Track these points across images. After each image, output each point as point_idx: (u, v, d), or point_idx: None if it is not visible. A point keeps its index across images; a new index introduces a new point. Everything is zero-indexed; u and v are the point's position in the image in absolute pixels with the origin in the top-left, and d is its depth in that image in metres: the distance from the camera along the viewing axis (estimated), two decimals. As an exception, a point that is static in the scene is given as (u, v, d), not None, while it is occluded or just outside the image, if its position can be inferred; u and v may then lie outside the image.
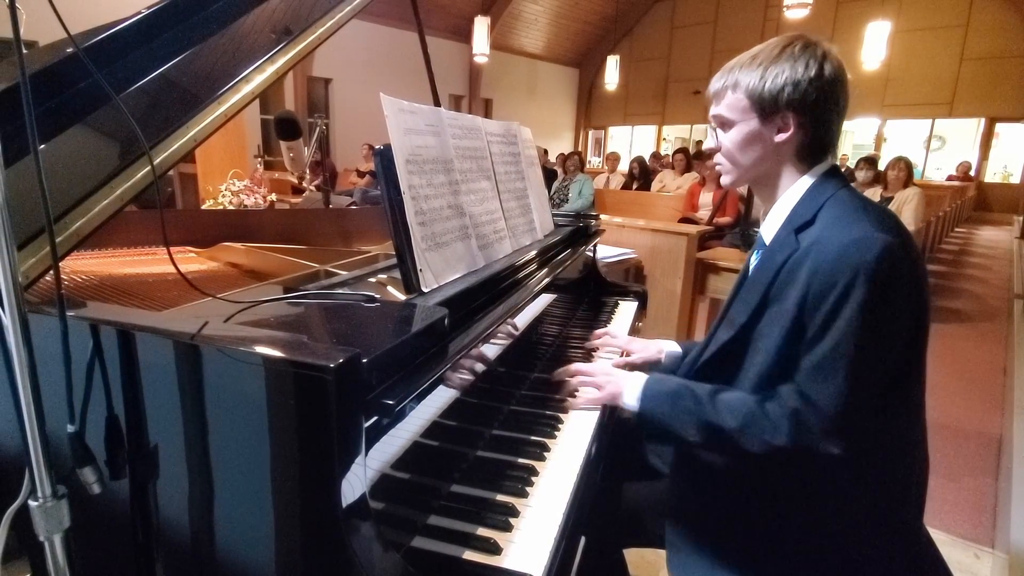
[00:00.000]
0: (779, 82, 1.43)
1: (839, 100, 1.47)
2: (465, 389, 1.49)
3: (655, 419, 1.60)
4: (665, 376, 1.67)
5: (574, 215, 3.21)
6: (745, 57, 1.51)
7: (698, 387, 1.54)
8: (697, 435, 1.50)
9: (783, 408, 1.37)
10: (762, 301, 1.47)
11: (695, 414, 1.50)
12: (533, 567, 1.19)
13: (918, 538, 1.50)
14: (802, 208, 1.48)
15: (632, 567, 2.16)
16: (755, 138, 1.51)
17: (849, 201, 1.43)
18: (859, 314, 1.27)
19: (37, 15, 1.27)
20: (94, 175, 1.37)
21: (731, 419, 1.43)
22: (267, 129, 12.89)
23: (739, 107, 1.51)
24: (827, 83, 1.43)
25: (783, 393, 1.39)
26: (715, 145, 1.61)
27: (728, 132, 1.55)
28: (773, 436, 1.37)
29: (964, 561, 3.02)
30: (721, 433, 1.45)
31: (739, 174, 1.59)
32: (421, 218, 1.57)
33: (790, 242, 1.45)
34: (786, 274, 1.42)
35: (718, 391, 1.51)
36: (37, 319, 1.08)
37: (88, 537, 1.18)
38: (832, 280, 1.30)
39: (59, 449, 1.08)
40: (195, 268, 2.21)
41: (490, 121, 2.20)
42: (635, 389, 1.65)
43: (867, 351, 1.29)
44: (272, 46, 1.73)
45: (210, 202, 5.20)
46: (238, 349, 1.02)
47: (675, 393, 1.57)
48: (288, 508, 1.03)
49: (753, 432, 1.40)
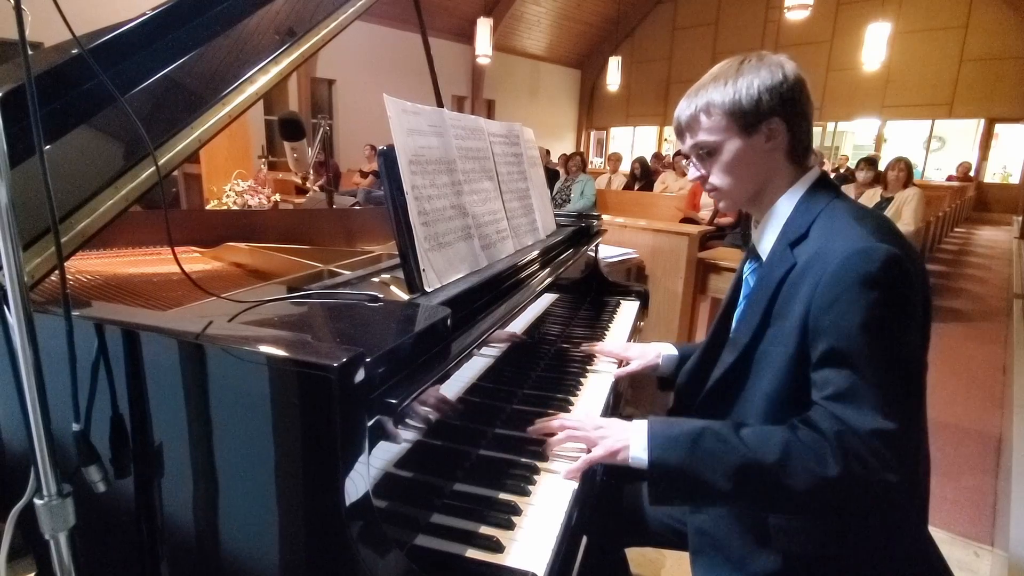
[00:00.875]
0: (753, 92, 1.42)
1: (808, 98, 1.47)
2: (468, 388, 1.49)
3: (673, 469, 1.35)
4: (666, 418, 1.45)
5: (576, 215, 3.21)
6: (706, 80, 1.49)
7: (715, 424, 1.37)
8: (730, 482, 1.28)
9: (822, 434, 1.24)
10: (763, 320, 1.43)
11: (724, 456, 1.29)
12: (535, 565, 1.18)
13: (921, 538, 1.49)
14: (795, 221, 1.46)
15: (633, 565, 2.16)
16: (744, 154, 1.47)
17: (844, 211, 1.41)
18: (874, 327, 1.22)
19: (42, 16, 1.27)
20: (99, 175, 1.37)
21: (769, 454, 1.26)
22: (271, 130, 12.91)
23: (719, 128, 1.47)
24: (795, 83, 1.43)
25: (815, 419, 1.26)
26: (701, 175, 1.55)
27: (715, 158, 1.50)
28: (820, 467, 1.21)
29: (964, 559, 3.02)
30: (761, 473, 1.26)
31: (739, 195, 1.54)
32: (424, 218, 1.57)
33: (786, 257, 1.41)
34: (787, 291, 1.38)
35: (739, 426, 1.35)
36: (42, 318, 1.08)
37: (93, 535, 1.19)
38: (836, 294, 1.25)
39: (64, 448, 1.08)
40: (199, 268, 2.21)
41: (492, 122, 2.20)
42: (640, 439, 1.40)
43: (889, 364, 1.23)
44: (276, 47, 1.74)
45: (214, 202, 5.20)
46: (242, 348, 1.02)
47: (692, 435, 1.35)
48: (292, 506, 1.03)
49: (798, 464, 1.23)
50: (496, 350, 1.68)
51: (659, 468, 1.35)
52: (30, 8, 1.07)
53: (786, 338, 1.36)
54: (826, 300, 1.27)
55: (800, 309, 1.33)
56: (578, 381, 2.02)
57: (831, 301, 1.26)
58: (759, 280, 1.50)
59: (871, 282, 1.23)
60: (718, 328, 1.72)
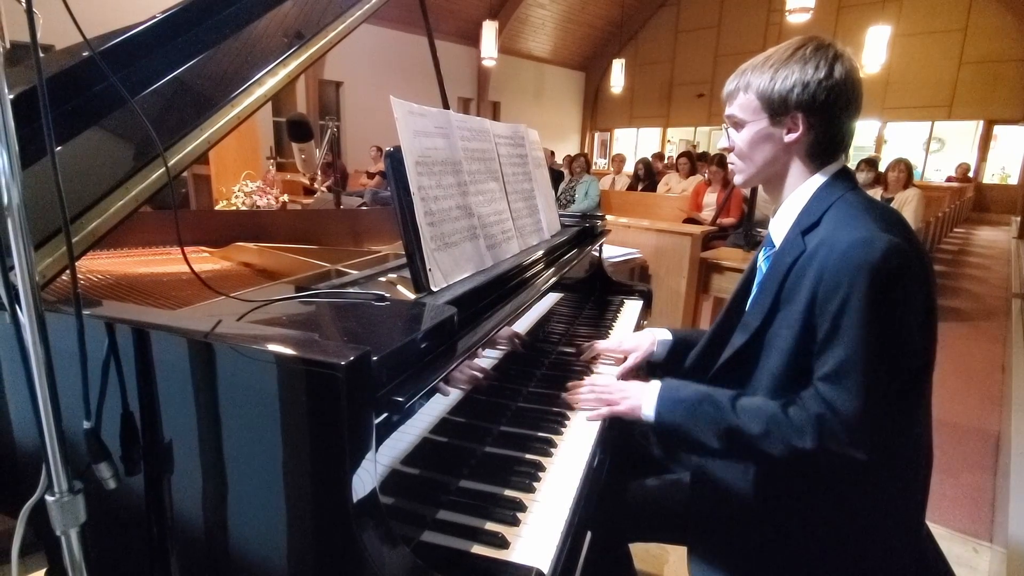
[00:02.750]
0: (788, 84, 1.43)
1: (850, 101, 1.45)
2: (474, 386, 1.49)
3: (674, 427, 1.56)
4: (679, 383, 1.62)
5: (580, 215, 3.20)
6: (759, 59, 1.52)
7: (717, 392, 1.52)
8: (719, 442, 1.47)
9: (807, 413, 1.35)
10: (774, 304, 1.47)
11: (716, 421, 1.47)
12: (540, 561, 1.18)
13: (919, 532, 1.50)
14: (810, 210, 1.48)
15: (637, 561, 2.16)
16: (765, 138, 1.51)
17: (855, 202, 1.43)
18: (869, 315, 1.27)
19: (54, 19, 1.27)
20: (110, 176, 1.38)
21: (754, 424, 1.41)
22: (279, 131, 12.90)
23: (750, 107, 1.51)
24: (837, 84, 1.41)
25: (806, 398, 1.37)
26: (728, 144, 1.61)
27: (740, 132, 1.55)
28: (798, 440, 1.34)
29: (963, 555, 3.01)
30: (744, 439, 1.42)
31: (750, 173, 1.59)
32: (430, 218, 1.56)
33: (797, 244, 1.45)
34: (795, 276, 1.42)
35: (738, 396, 1.49)
36: (54, 317, 1.08)
37: (104, 531, 1.18)
38: (838, 281, 1.29)
39: (75, 445, 1.08)
40: (209, 268, 2.21)
41: (498, 123, 2.19)
42: (651, 399, 1.60)
43: (879, 352, 1.29)
44: (284, 50, 1.73)
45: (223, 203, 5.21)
46: (251, 347, 1.02)
47: (693, 400, 1.53)
48: (300, 503, 1.03)
49: (777, 437, 1.37)
50: (501, 349, 1.68)
51: (662, 425, 1.58)
52: (42, 11, 1.07)
53: (793, 321, 1.40)
54: (829, 286, 1.32)
55: (806, 294, 1.37)
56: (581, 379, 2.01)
57: (834, 287, 1.31)
58: (772, 266, 1.53)
59: (871, 270, 1.27)
60: (728, 313, 1.74)
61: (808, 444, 1.33)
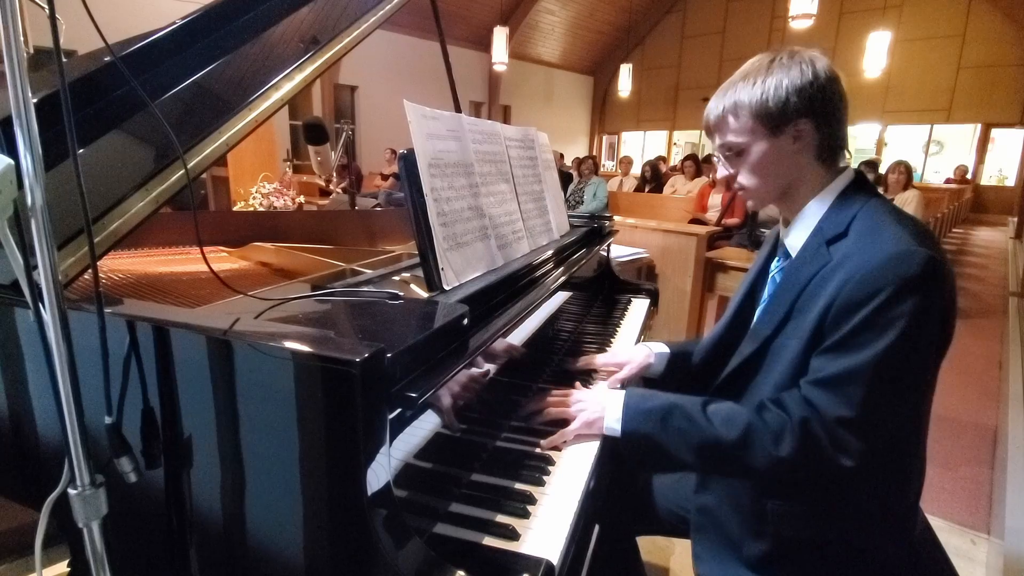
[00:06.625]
0: (782, 92, 1.36)
1: (842, 96, 1.40)
2: (484, 384, 1.48)
3: (644, 440, 1.46)
4: (646, 391, 1.54)
5: (589, 216, 3.19)
6: (736, 78, 1.44)
7: (685, 400, 1.45)
8: (693, 455, 1.40)
9: (786, 418, 1.30)
10: (787, 314, 1.40)
11: (690, 432, 1.39)
12: (550, 553, 1.17)
13: (916, 524, 1.47)
14: (832, 219, 1.40)
15: (644, 552, 2.15)
16: (772, 155, 1.42)
17: (883, 212, 1.36)
18: (904, 327, 1.20)
19: (76, 26, 1.27)
20: (130, 178, 1.37)
21: (730, 431, 1.34)
22: (296, 134, 12.92)
23: (746, 129, 1.42)
24: (825, 82, 1.37)
25: (787, 402, 1.32)
26: (728, 173, 1.51)
27: (743, 158, 1.46)
28: (776, 447, 1.29)
29: (961, 547, 3.01)
30: (721, 450, 1.36)
31: (765, 196, 1.50)
32: (443, 219, 1.55)
33: (822, 254, 1.37)
34: (815, 286, 1.34)
35: (708, 402, 1.42)
36: (76, 316, 1.08)
37: (125, 524, 1.18)
38: (871, 291, 1.22)
39: (97, 440, 1.08)
40: (227, 267, 2.21)
41: (509, 126, 2.18)
42: (615, 410, 1.50)
43: (907, 363, 1.24)
44: (300, 55, 1.73)
45: (241, 204, 5.22)
46: (268, 344, 1.01)
47: (662, 410, 1.44)
48: (316, 496, 1.03)
49: (756, 444, 1.31)
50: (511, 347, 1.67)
51: (630, 438, 1.47)
52: (64, 17, 1.06)
53: (802, 332, 1.34)
54: (857, 295, 1.24)
55: (822, 303, 1.30)
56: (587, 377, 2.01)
57: (864, 296, 1.23)
58: (788, 276, 1.46)
59: (909, 285, 1.20)
60: (733, 321, 1.69)
61: (786, 450, 1.28)
